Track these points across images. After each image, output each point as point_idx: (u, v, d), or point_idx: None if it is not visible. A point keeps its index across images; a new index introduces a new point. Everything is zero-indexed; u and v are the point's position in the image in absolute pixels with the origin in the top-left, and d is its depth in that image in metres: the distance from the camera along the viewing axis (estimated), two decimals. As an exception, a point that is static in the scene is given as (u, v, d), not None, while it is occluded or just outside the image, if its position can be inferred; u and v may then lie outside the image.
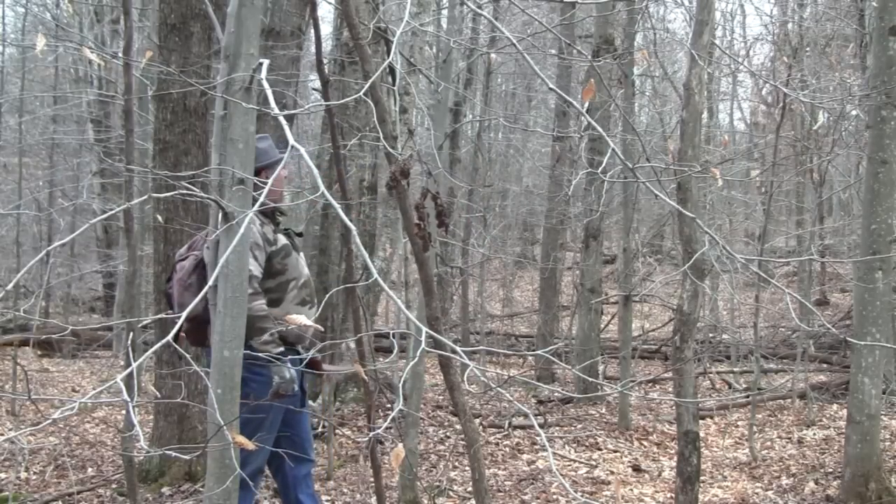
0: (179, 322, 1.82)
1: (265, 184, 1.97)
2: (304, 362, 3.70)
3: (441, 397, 8.63)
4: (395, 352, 7.55)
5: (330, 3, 9.89)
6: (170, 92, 5.52)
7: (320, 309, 3.94)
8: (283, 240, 3.86)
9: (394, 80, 5.66)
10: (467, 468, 5.22)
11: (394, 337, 8.87)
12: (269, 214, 3.87)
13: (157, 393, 5.51)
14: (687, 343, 4.32)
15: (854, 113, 9.97)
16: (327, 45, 9.98)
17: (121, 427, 6.41)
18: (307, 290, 3.93)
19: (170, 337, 1.80)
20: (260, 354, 3.42)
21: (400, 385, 2.45)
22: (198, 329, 3.62)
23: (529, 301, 16.28)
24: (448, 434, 7.41)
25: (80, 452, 6.72)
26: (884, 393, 6.57)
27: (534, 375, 10.16)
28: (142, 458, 5.43)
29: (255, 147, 2.60)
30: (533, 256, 17.98)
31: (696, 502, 4.48)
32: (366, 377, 3.26)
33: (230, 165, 2.44)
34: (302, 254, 4.03)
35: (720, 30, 17.05)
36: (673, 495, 4.83)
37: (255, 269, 3.68)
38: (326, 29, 12.10)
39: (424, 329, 1.89)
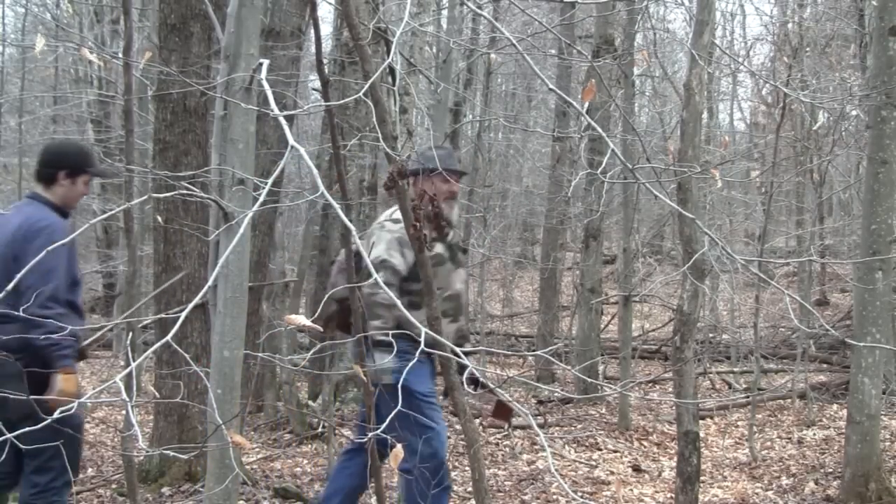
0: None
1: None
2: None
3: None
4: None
5: (330, 3, 9.89)
6: (170, 92, 5.52)
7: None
8: (438, 248, 3.77)
9: (394, 80, 5.66)
10: (467, 468, 5.22)
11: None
12: (433, 219, 3.79)
13: (157, 393, 5.51)
14: (687, 343, 4.31)
15: (854, 113, 9.97)
16: (327, 45, 9.98)
17: (121, 427, 6.40)
18: (451, 304, 3.83)
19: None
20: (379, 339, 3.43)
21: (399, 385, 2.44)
22: (346, 314, 3.59)
23: (529, 301, 16.27)
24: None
25: (80, 452, 6.72)
26: (884, 393, 6.57)
27: (534, 376, 10.16)
28: (142, 458, 5.43)
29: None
30: (533, 256, 17.98)
31: (696, 502, 4.48)
32: (365, 377, 3.25)
33: (230, 165, 2.44)
34: (461, 270, 3.94)
35: (720, 30, 17.06)
36: (673, 495, 4.82)
37: (400, 263, 3.66)
38: (326, 29, 12.10)
39: (424, 329, 1.89)
